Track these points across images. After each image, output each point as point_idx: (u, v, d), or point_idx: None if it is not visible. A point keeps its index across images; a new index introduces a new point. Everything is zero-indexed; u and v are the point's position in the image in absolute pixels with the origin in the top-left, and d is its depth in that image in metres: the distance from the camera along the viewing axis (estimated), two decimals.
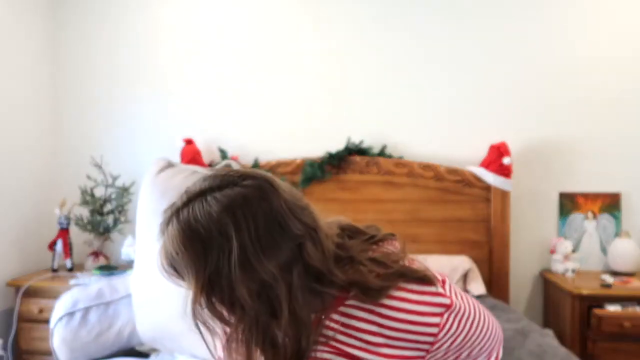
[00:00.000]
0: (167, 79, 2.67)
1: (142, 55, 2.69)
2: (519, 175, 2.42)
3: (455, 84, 2.51)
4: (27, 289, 2.23)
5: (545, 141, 2.47)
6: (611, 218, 2.42)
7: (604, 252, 2.41)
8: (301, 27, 2.60)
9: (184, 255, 0.69)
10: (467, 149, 2.47)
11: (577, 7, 2.46)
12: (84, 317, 1.71)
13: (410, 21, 2.53)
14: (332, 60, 2.58)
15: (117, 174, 2.55)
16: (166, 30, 2.67)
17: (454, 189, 2.39)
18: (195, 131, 2.59)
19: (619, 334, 1.97)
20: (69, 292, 1.82)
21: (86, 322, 1.70)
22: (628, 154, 2.42)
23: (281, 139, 2.55)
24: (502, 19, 2.49)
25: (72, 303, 1.74)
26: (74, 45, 2.73)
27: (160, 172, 1.76)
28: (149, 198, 1.74)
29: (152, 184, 1.75)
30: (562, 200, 2.46)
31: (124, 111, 2.70)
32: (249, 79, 2.62)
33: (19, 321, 2.24)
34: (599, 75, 2.44)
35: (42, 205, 2.62)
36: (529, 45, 2.48)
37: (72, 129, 2.73)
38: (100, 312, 1.72)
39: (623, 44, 2.43)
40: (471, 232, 2.40)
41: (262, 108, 2.61)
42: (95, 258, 2.48)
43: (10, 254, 2.41)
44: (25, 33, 2.54)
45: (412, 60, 2.54)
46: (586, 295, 2.04)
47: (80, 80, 2.72)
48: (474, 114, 2.51)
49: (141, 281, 1.69)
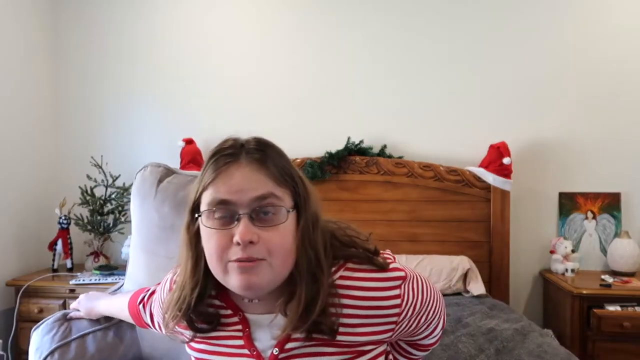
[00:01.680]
0: (167, 80, 2.67)
1: (143, 55, 2.69)
2: (519, 175, 2.42)
3: (455, 84, 2.51)
4: (27, 289, 2.24)
5: (545, 141, 2.47)
6: (611, 218, 2.42)
7: (603, 252, 2.41)
8: (301, 27, 2.60)
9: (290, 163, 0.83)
10: (467, 149, 2.47)
11: (577, 7, 2.46)
12: (80, 347, 1.34)
13: (410, 22, 2.53)
14: (332, 60, 2.58)
15: (117, 174, 2.56)
16: (166, 31, 2.67)
17: (454, 189, 2.39)
18: (195, 131, 2.59)
19: (618, 334, 1.97)
20: (50, 322, 1.40)
21: (84, 355, 1.33)
22: (628, 154, 2.42)
23: (281, 139, 2.52)
24: (501, 19, 2.49)
25: (62, 334, 1.35)
26: (74, 46, 2.73)
27: (162, 181, 1.48)
28: (153, 210, 1.43)
29: (156, 195, 1.45)
30: (562, 200, 2.46)
31: (124, 111, 2.70)
32: (249, 79, 2.62)
33: (19, 321, 2.24)
34: (599, 76, 2.44)
35: (42, 205, 2.62)
36: (529, 46, 2.48)
37: (72, 129, 2.73)
38: (98, 339, 1.37)
39: (623, 44, 2.43)
40: (471, 232, 2.40)
41: (262, 108, 2.61)
42: (95, 258, 2.48)
43: (10, 254, 2.41)
44: (26, 33, 2.54)
45: (412, 60, 2.54)
46: (586, 295, 2.04)
47: (81, 81, 2.73)
48: (474, 114, 2.51)
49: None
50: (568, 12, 2.46)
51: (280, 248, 0.74)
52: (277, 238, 0.74)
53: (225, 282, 0.76)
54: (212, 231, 0.75)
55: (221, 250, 0.74)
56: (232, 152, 0.78)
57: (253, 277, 0.73)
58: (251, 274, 0.73)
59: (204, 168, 0.79)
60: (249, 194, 0.74)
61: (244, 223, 0.73)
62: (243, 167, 0.76)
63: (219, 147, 0.80)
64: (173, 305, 0.82)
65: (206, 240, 0.76)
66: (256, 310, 0.82)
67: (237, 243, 0.72)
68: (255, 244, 0.72)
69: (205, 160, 0.81)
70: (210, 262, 0.77)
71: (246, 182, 0.75)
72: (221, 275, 0.76)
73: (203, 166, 0.80)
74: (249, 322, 0.83)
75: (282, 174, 0.78)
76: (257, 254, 0.72)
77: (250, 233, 0.72)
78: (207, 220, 0.75)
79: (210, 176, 0.76)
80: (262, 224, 0.74)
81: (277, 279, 0.76)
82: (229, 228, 0.74)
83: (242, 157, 0.77)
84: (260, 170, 0.76)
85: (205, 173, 0.78)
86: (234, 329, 0.83)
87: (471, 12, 2.51)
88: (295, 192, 0.79)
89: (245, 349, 0.82)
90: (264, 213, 0.74)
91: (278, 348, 0.79)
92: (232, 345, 0.83)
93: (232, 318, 0.84)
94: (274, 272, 0.74)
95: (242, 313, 0.83)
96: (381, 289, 0.78)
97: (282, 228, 0.75)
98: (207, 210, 0.75)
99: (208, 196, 0.76)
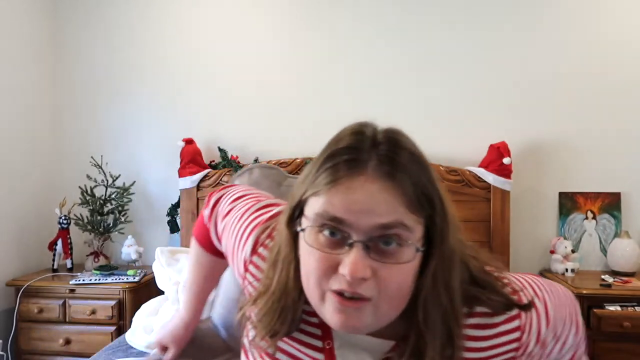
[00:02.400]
0: (167, 79, 2.67)
1: (142, 55, 2.69)
2: (519, 175, 2.42)
3: (455, 84, 2.51)
4: (27, 289, 2.24)
5: (545, 141, 2.47)
6: (611, 218, 2.42)
7: (603, 252, 2.41)
8: (301, 27, 2.60)
9: (433, 174, 0.63)
10: (467, 149, 2.47)
11: (578, 8, 2.46)
12: None
13: (410, 22, 2.53)
14: (332, 60, 2.57)
15: (117, 174, 2.56)
16: (166, 31, 2.67)
17: (454, 189, 2.38)
18: (195, 131, 2.59)
19: (618, 334, 1.97)
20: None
21: None
22: (628, 154, 2.42)
23: (281, 139, 2.55)
24: (501, 19, 2.49)
25: None
26: (74, 45, 2.73)
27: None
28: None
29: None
30: (562, 200, 2.46)
31: (124, 111, 2.70)
32: (249, 79, 2.62)
33: (19, 321, 2.24)
34: (599, 76, 2.44)
35: (42, 205, 2.62)
36: (529, 46, 2.48)
37: (72, 129, 2.73)
38: None
39: (623, 44, 2.42)
40: (471, 232, 2.39)
41: (262, 108, 2.61)
42: (95, 258, 2.48)
43: (10, 254, 2.41)
44: (26, 32, 2.54)
45: (411, 60, 2.54)
46: (586, 295, 2.04)
47: (81, 81, 2.73)
48: (474, 114, 2.51)
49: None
50: (569, 13, 2.46)
51: (395, 291, 0.59)
52: (395, 278, 0.58)
53: (319, 310, 0.62)
54: (315, 251, 0.60)
55: (322, 275, 0.60)
56: (358, 158, 0.60)
57: (352, 320, 0.59)
58: (351, 316, 0.59)
59: (318, 163, 0.64)
60: (372, 219, 0.57)
61: (358, 253, 0.57)
62: (369, 183, 0.59)
63: (342, 141, 0.63)
64: (273, 311, 0.66)
65: (305, 255, 0.62)
66: None
67: (343, 275, 0.58)
68: (367, 281, 0.57)
69: (321, 151, 0.65)
70: (305, 282, 0.63)
71: (370, 203, 0.58)
72: (316, 302, 0.62)
73: (317, 158, 0.65)
74: (332, 334, 0.68)
75: (417, 197, 0.60)
76: (366, 291, 0.58)
77: (363, 268, 0.57)
78: (310, 236, 0.61)
79: (324, 181, 0.60)
80: (380, 257, 0.58)
81: (380, 323, 0.62)
82: (337, 253, 0.59)
83: (370, 167, 0.60)
84: (391, 190, 0.59)
85: (320, 174, 0.62)
86: (312, 334, 0.69)
87: (470, 13, 2.50)
88: (431, 220, 0.61)
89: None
90: (384, 243, 0.58)
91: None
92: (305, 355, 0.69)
93: (312, 318, 0.69)
94: (377, 316, 0.60)
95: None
96: (501, 334, 0.66)
97: (404, 267, 0.59)
98: (313, 226, 0.60)
99: (318, 206, 0.60)
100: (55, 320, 2.21)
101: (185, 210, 2.49)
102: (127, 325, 2.15)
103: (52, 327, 2.22)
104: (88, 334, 2.19)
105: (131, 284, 2.22)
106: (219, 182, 2.46)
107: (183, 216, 2.50)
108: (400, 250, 0.58)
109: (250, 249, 0.77)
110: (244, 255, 0.79)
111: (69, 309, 2.21)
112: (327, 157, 0.63)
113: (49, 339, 2.21)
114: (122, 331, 2.15)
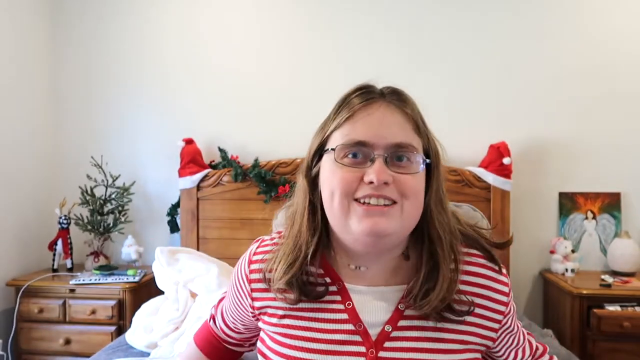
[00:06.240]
0: (167, 79, 2.67)
1: (142, 55, 2.69)
2: (519, 175, 2.42)
3: (455, 84, 2.51)
4: (27, 289, 2.24)
5: (545, 141, 2.47)
6: (611, 218, 2.42)
7: (603, 252, 2.41)
8: (301, 27, 2.60)
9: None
10: (467, 149, 2.47)
11: (578, 9, 2.46)
12: None
13: (409, 21, 2.53)
14: (332, 60, 2.58)
15: (117, 174, 2.56)
16: (166, 31, 2.67)
17: (454, 189, 2.38)
18: (195, 131, 2.59)
19: (618, 334, 1.97)
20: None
21: None
22: (628, 154, 2.42)
23: (281, 139, 2.55)
24: (501, 19, 2.49)
25: None
26: (74, 45, 2.73)
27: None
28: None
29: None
30: (562, 200, 2.46)
31: (124, 111, 2.70)
32: (249, 79, 2.62)
33: (19, 321, 2.24)
34: (599, 76, 2.44)
35: (42, 205, 2.62)
36: (529, 45, 2.48)
37: (72, 129, 2.73)
38: None
39: (623, 44, 2.43)
40: None
41: (262, 108, 2.61)
42: (95, 258, 2.48)
43: (10, 254, 2.41)
44: (25, 33, 2.54)
45: (411, 60, 2.54)
46: (586, 295, 2.04)
47: (81, 81, 2.73)
48: (474, 114, 2.51)
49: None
50: (569, 14, 2.46)
51: (414, 192, 0.70)
52: (410, 183, 0.70)
53: (344, 227, 0.70)
54: (340, 168, 0.70)
55: (347, 185, 0.69)
56: (370, 91, 0.76)
57: (381, 223, 0.68)
58: (379, 220, 0.68)
59: (334, 110, 0.76)
60: (388, 138, 0.70)
61: (380, 164, 0.69)
62: (384, 107, 0.73)
63: (352, 89, 0.77)
64: (287, 255, 0.75)
65: (329, 176, 0.72)
66: (359, 282, 0.76)
67: (369, 182, 0.68)
68: (389, 185, 0.68)
69: (335, 106, 0.77)
70: (329, 203, 0.71)
71: (386, 125, 0.71)
72: (341, 217, 0.70)
73: (333, 109, 0.77)
74: (349, 293, 0.76)
75: (419, 124, 0.75)
76: (391, 193, 0.68)
77: (386, 173, 0.68)
78: (339, 156, 0.71)
79: (345, 115, 0.73)
80: (396, 169, 0.70)
81: (404, 230, 0.71)
82: (361, 167, 0.70)
83: (380, 98, 0.75)
84: (402, 114, 0.73)
85: (339, 113, 0.74)
86: (332, 300, 0.75)
87: (470, 13, 2.51)
88: (428, 146, 0.76)
89: (348, 324, 0.73)
90: (398, 159, 0.71)
91: (391, 325, 0.73)
92: (329, 320, 0.74)
93: (330, 287, 0.76)
94: (403, 219, 0.70)
95: (342, 282, 0.76)
96: (495, 280, 0.76)
97: (416, 176, 0.71)
98: (342, 145, 0.71)
99: (341, 137, 0.72)
100: (55, 320, 2.22)
101: (185, 210, 2.49)
102: (127, 325, 2.15)
103: (52, 327, 2.22)
104: (88, 333, 2.19)
105: (131, 283, 2.22)
106: (219, 182, 2.46)
107: (183, 216, 2.50)
108: (410, 164, 0.71)
109: (247, 279, 0.83)
110: (246, 289, 0.83)
111: (69, 308, 2.21)
112: (342, 100, 0.76)
113: (49, 338, 2.21)
114: (122, 331, 2.15)
